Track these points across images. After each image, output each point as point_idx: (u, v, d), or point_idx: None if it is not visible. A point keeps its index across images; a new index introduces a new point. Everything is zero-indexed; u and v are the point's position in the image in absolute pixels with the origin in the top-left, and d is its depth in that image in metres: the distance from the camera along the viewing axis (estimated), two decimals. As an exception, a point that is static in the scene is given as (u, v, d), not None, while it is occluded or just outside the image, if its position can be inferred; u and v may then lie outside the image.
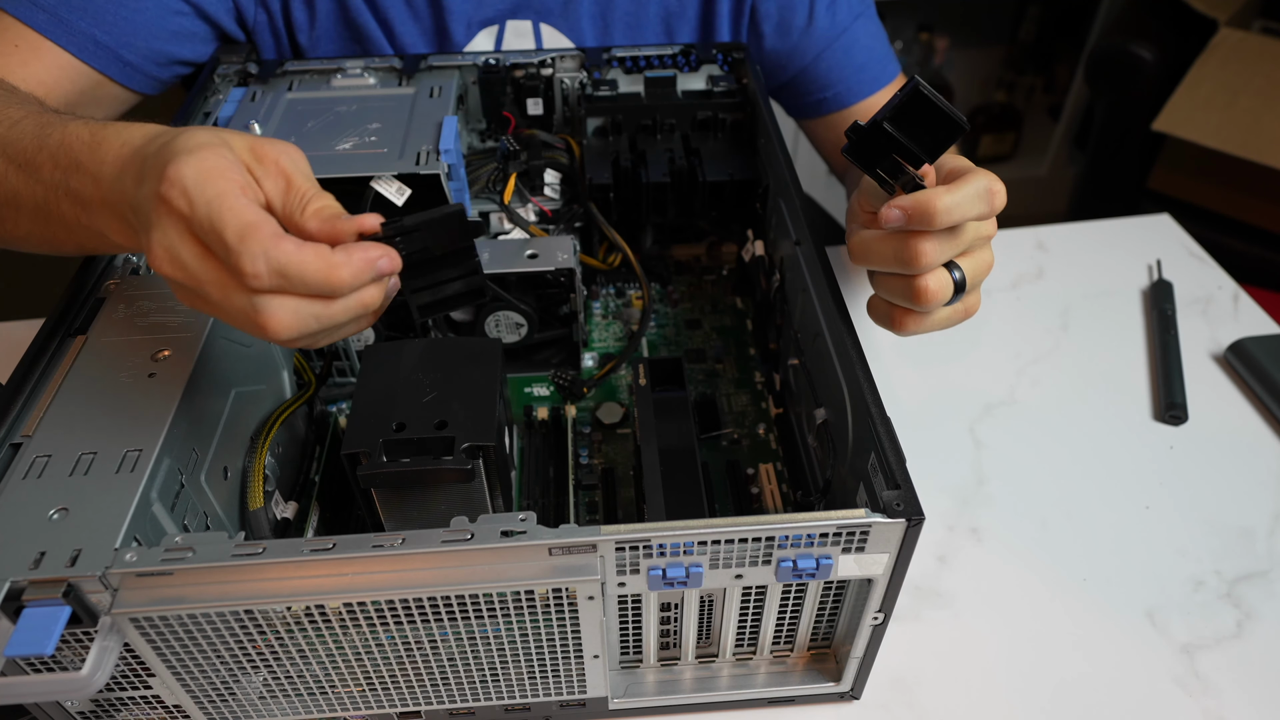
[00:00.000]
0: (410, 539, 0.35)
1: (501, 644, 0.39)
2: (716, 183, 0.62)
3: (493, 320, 0.59)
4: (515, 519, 0.36)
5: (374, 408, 0.47)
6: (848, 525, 0.36)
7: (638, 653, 0.46)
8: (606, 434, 0.59)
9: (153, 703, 0.41)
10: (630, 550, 0.36)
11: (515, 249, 0.58)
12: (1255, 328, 0.69)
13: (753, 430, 0.59)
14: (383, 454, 0.45)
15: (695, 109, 0.66)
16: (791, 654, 0.47)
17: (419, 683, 0.41)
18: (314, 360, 0.58)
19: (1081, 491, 0.59)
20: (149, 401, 0.41)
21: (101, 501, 0.36)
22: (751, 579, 0.38)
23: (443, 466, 0.44)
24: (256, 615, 0.36)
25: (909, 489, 0.36)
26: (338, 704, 0.42)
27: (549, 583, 0.35)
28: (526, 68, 0.67)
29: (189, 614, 0.35)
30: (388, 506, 0.47)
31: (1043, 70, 2.03)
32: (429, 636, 0.38)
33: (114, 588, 0.34)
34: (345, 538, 0.35)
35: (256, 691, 0.41)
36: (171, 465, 0.40)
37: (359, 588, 0.35)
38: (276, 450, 0.52)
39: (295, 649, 0.38)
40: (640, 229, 0.68)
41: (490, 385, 0.48)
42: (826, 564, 0.37)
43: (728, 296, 0.70)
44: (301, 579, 0.35)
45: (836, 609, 0.44)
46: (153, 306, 0.45)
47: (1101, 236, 0.80)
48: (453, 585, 0.35)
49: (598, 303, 0.69)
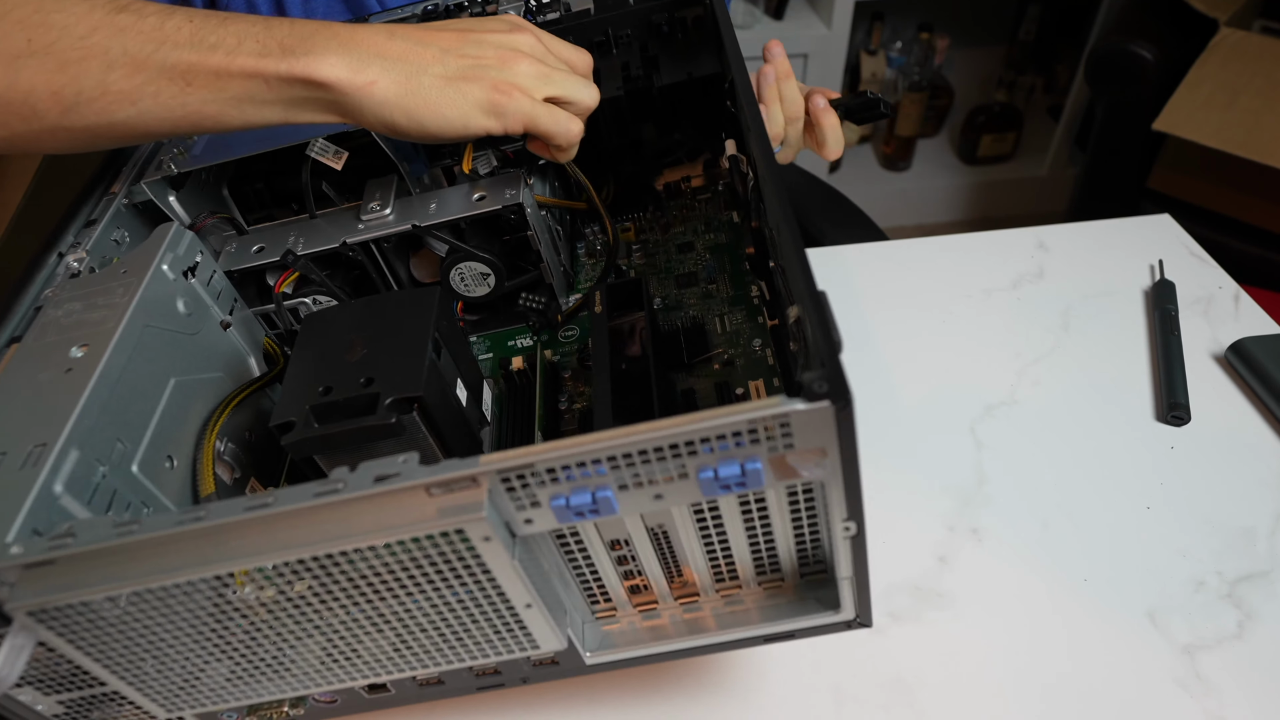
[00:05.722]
0: (281, 497, 0.32)
1: (422, 605, 0.36)
2: (673, 85, 0.56)
3: (456, 274, 0.56)
4: (396, 462, 0.32)
5: (304, 375, 0.44)
6: (760, 418, 0.30)
7: (609, 601, 0.41)
8: (588, 375, 0.55)
9: (117, 700, 0.40)
10: (519, 480, 0.32)
11: (462, 194, 0.54)
12: (1256, 328, 0.68)
13: (748, 348, 0.53)
14: (313, 420, 0.42)
15: (650, 13, 0.60)
16: (783, 584, 0.41)
17: (369, 654, 0.39)
18: (287, 345, 0.57)
19: (1082, 492, 0.58)
20: (60, 396, 0.40)
21: (1, 498, 0.35)
22: (675, 498, 0.33)
23: (365, 424, 0.41)
24: (166, 593, 0.34)
25: (834, 367, 0.30)
26: (301, 682, 0.40)
27: (433, 525, 0.31)
28: (470, 7, 0.63)
29: (85, 600, 0.33)
30: (338, 476, 0.45)
31: (1043, 70, 1.99)
32: (352, 604, 0.36)
33: (9, 582, 0.33)
34: (219, 504, 0.32)
35: (210, 679, 0.39)
36: (83, 456, 0.38)
37: (240, 554, 0.32)
38: (246, 437, 0.51)
39: (210, 630, 0.36)
40: (615, 154, 0.63)
41: (422, 334, 0.45)
42: (754, 469, 0.31)
43: (722, 212, 0.64)
44: (184, 553, 0.33)
45: (816, 524, 0.38)
46: (80, 306, 0.45)
47: (1102, 236, 0.78)
48: (332, 541, 0.32)
49: (583, 244, 0.64)
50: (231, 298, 0.53)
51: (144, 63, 0.43)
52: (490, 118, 0.47)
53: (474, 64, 0.47)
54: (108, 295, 0.45)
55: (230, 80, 0.43)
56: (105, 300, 0.45)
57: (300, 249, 0.54)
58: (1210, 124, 1.25)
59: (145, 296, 0.45)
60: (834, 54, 1.69)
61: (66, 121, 0.44)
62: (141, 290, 0.45)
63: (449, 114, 0.46)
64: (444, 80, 0.46)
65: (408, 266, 0.57)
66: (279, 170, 0.55)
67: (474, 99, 0.46)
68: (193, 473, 0.46)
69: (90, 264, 0.50)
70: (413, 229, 0.53)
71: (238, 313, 0.53)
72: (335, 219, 0.56)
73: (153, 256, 0.47)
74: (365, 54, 0.45)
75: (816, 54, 1.69)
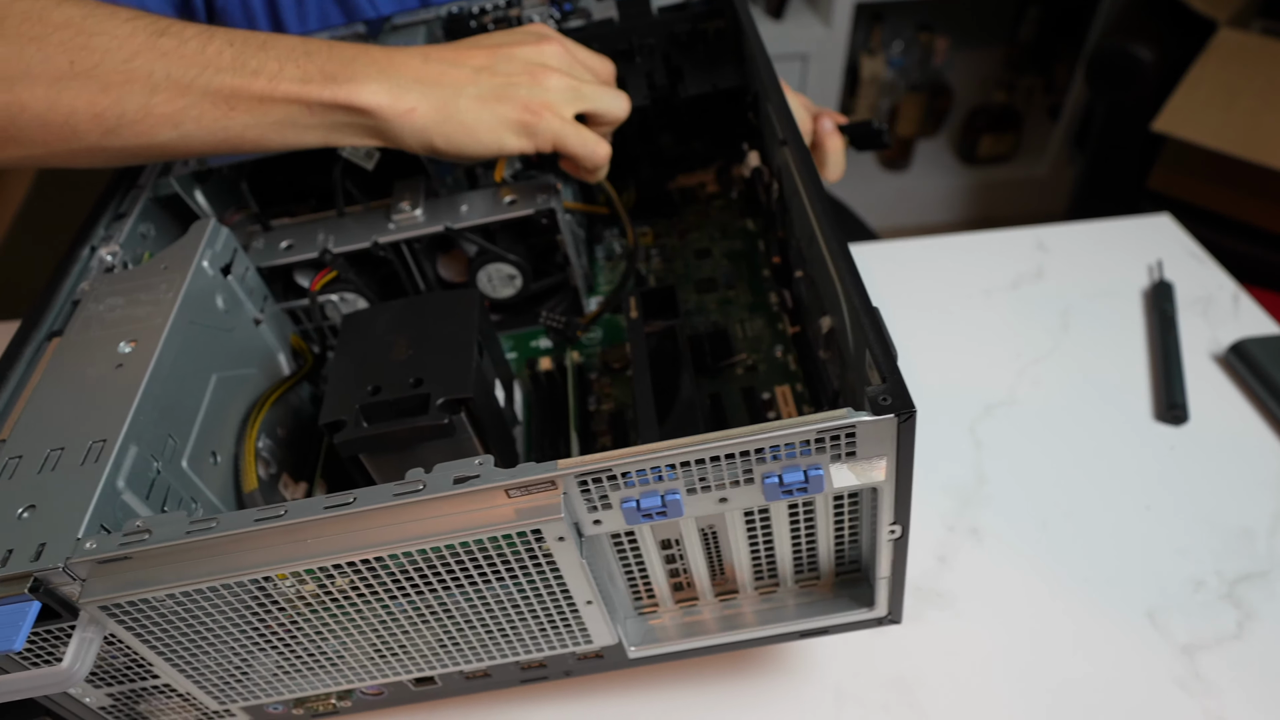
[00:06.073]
0: (361, 497, 0.33)
1: (487, 601, 0.37)
2: (699, 96, 0.58)
3: (484, 275, 0.57)
4: (472, 464, 0.33)
5: (350, 374, 0.45)
6: (830, 428, 0.32)
7: (651, 597, 0.43)
8: (615, 377, 0.56)
9: (166, 692, 0.41)
10: (595, 483, 0.33)
11: (493, 197, 0.55)
12: (1255, 328, 0.68)
13: (769, 354, 0.55)
14: (362, 419, 0.43)
15: (673, 24, 0.62)
16: (819, 582, 0.43)
17: (425, 648, 0.40)
18: (315, 342, 0.57)
19: (1082, 491, 0.58)
20: (114, 392, 0.40)
21: (66, 495, 0.36)
22: (739, 502, 0.35)
23: (419, 424, 0.42)
24: (235, 590, 0.35)
25: (896, 381, 0.32)
26: (341, 677, 0.41)
27: (512, 526, 0.33)
28: (493, 12, 0.64)
29: (155, 596, 0.34)
30: (381, 474, 0.45)
31: (1043, 70, 1.99)
32: (409, 601, 0.37)
33: (81, 578, 0.34)
34: (297, 503, 0.33)
35: (262, 672, 0.40)
36: (141, 452, 0.39)
37: (318, 553, 0.33)
38: (278, 432, 0.51)
39: (277, 624, 0.37)
40: (635, 161, 0.65)
41: (467, 336, 0.46)
42: (817, 475, 0.33)
43: (737, 220, 0.65)
44: (259, 550, 0.34)
45: (856, 527, 0.40)
46: (122, 302, 0.45)
47: (1101, 236, 0.78)
48: (411, 540, 0.33)
49: (601, 246, 0.66)
50: (262, 294, 0.53)
51: (188, 87, 0.43)
52: (522, 137, 0.48)
53: (505, 83, 0.48)
54: (151, 291, 0.45)
55: (273, 106, 0.44)
56: (149, 296, 0.45)
57: (330, 247, 0.54)
58: (1210, 124, 1.25)
59: (189, 292, 0.45)
60: (833, 54, 1.69)
61: (106, 142, 0.44)
62: (186, 286, 0.45)
63: (484, 137, 0.47)
64: (478, 102, 0.47)
65: (434, 266, 0.57)
66: (296, 166, 0.56)
67: (506, 120, 0.47)
68: (234, 468, 0.46)
69: (123, 258, 0.50)
70: (445, 231, 0.54)
71: (268, 309, 0.53)
72: (361, 218, 0.56)
73: (194, 252, 0.47)
74: (404, 79, 0.46)
75: (816, 54, 1.68)
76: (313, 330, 0.57)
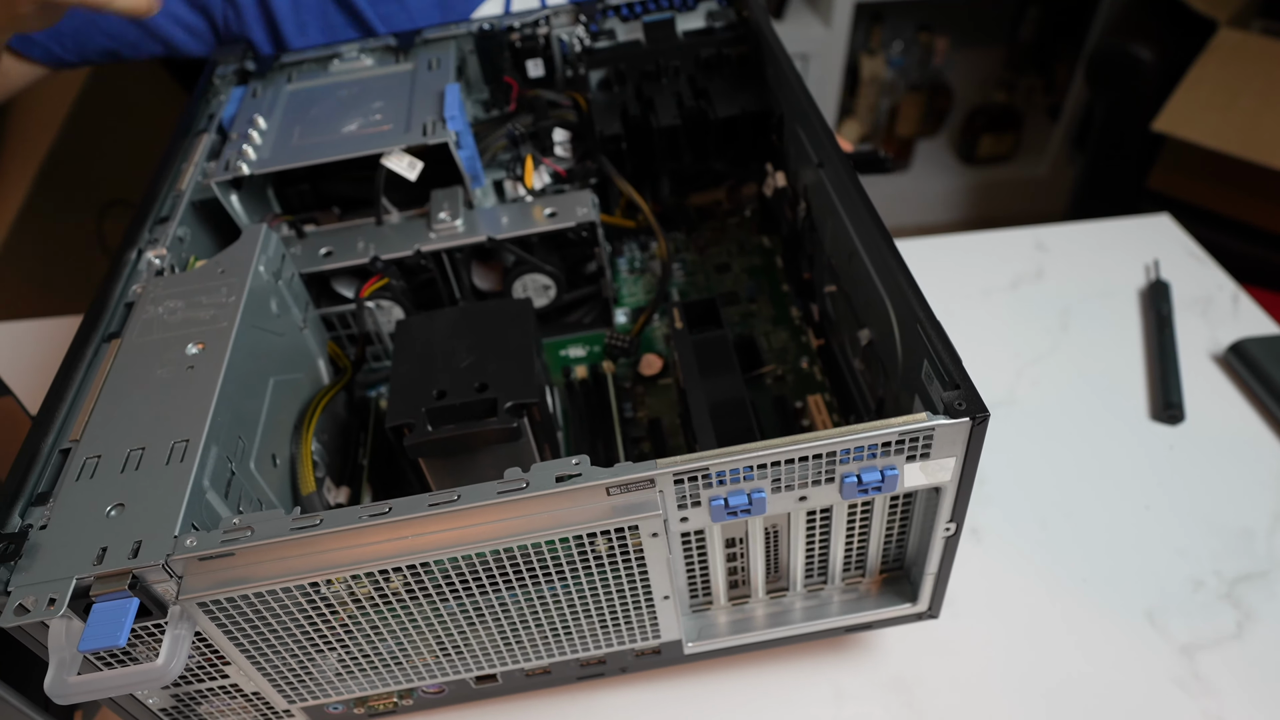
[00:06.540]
0: (466, 494, 0.34)
1: (570, 596, 0.38)
2: (729, 118, 0.60)
3: (520, 285, 0.58)
4: (569, 464, 0.35)
5: (413, 379, 0.46)
6: (910, 431, 0.34)
7: (707, 595, 0.45)
8: (648, 386, 0.58)
9: (231, 692, 0.41)
10: (689, 482, 0.35)
11: (523, 209, 0.57)
12: (1255, 328, 0.69)
13: (795, 365, 0.58)
14: (427, 423, 0.44)
15: (698, 48, 0.64)
16: (864, 580, 0.45)
17: (491, 646, 0.41)
18: (348, 348, 0.58)
19: (1081, 492, 0.58)
20: (190, 393, 0.40)
21: (156, 493, 0.36)
22: (816, 500, 0.37)
23: (488, 428, 0.43)
24: (324, 590, 0.36)
25: (969, 387, 0.35)
26: (413, 674, 0.42)
27: (610, 523, 0.34)
28: (522, 29, 0.65)
29: (255, 593, 0.35)
30: (438, 476, 0.46)
31: (1043, 70, 2.02)
32: (497, 596, 0.38)
33: (178, 575, 0.34)
34: (401, 500, 0.34)
35: (332, 669, 0.41)
36: (220, 453, 0.39)
37: (420, 549, 0.35)
38: (322, 437, 0.52)
39: (366, 622, 0.38)
40: (656, 178, 0.67)
41: (525, 343, 0.47)
42: (892, 475, 0.36)
43: (754, 236, 0.68)
44: (362, 547, 0.35)
45: (905, 527, 0.43)
46: (181, 304, 0.45)
47: (1101, 237, 0.79)
48: (514, 536, 0.34)
49: (623, 259, 0.68)
50: (305, 300, 0.54)
51: None
52: None
53: None
54: (212, 294, 0.45)
55: None
56: (210, 299, 0.45)
57: (372, 254, 0.55)
58: (1209, 124, 1.25)
59: (249, 296, 0.46)
60: (833, 54, 1.67)
61: None
62: (247, 289, 0.45)
63: None
64: None
65: (469, 275, 0.59)
66: (323, 173, 0.56)
67: None
68: (291, 471, 0.47)
69: (170, 261, 0.50)
70: (488, 242, 0.55)
71: (309, 315, 0.54)
72: (397, 226, 0.57)
73: (250, 257, 0.48)
74: None
75: (816, 54, 1.67)
76: (345, 336, 0.57)
